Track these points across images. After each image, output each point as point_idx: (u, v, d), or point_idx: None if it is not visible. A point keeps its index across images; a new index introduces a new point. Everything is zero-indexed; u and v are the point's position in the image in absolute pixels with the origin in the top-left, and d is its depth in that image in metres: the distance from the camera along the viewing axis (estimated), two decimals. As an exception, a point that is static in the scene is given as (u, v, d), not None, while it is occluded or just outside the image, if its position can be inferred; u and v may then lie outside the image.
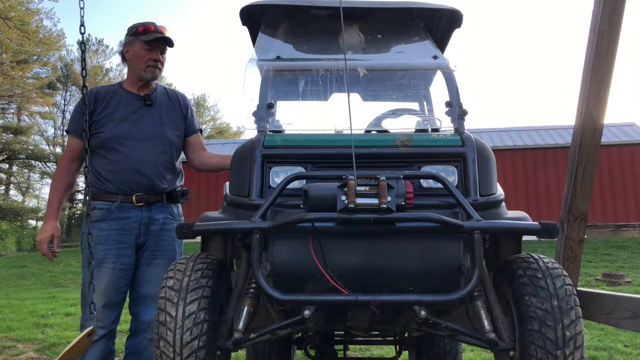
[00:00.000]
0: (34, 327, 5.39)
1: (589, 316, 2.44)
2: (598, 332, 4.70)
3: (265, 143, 1.89)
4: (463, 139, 1.92)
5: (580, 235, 2.51)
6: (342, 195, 1.55)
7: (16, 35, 22.99)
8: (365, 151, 1.83)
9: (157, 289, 2.38)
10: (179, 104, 2.67)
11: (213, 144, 23.26)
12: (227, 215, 1.91)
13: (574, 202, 2.48)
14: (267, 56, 2.30)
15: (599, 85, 2.41)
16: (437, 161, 1.90)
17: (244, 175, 1.88)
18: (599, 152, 2.48)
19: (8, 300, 7.81)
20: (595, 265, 10.08)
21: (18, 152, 29.94)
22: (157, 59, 2.51)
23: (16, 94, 26.64)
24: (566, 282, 1.65)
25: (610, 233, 15.29)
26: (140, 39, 2.48)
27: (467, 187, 1.84)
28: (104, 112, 2.48)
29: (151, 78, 2.54)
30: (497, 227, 1.72)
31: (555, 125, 17.93)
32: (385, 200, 1.52)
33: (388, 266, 1.72)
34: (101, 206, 2.41)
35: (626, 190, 15.74)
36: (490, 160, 1.95)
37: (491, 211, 1.84)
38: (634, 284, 7.94)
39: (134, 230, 2.41)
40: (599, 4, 2.40)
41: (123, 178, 2.41)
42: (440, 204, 1.79)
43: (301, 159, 1.88)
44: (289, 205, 1.78)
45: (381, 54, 2.56)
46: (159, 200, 2.48)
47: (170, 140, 2.54)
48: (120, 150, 2.42)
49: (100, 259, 2.33)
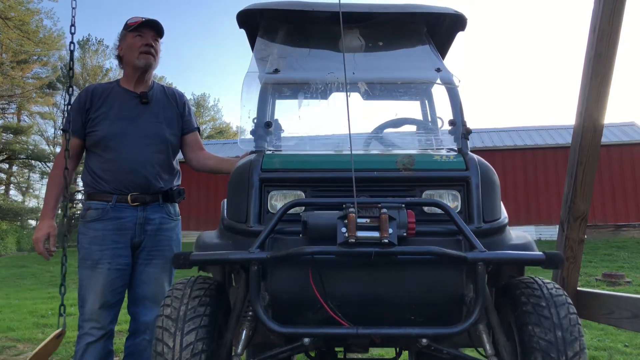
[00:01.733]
0: (34, 327, 5.39)
1: (589, 316, 2.44)
2: (598, 332, 4.70)
3: (263, 165, 1.84)
4: (466, 161, 1.86)
5: (580, 235, 2.52)
6: (342, 227, 1.52)
7: (16, 35, 23.01)
8: (366, 175, 1.78)
9: (154, 289, 2.40)
10: (176, 102, 2.63)
11: (213, 144, 23.24)
12: (225, 241, 1.86)
13: (574, 202, 2.48)
14: (265, 64, 2.25)
15: (599, 85, 2.41)
16: (439, 185, 1.85)
17: (242, 200, 1.83)
18: (599, 152, 2.48)
19: (8, 300, 7.82)
20: (595, 265, 10.08)
21: (18, 152, 29.95)
22: (148, 43, 2.47)
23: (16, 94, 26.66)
24: (570, 310, 1.61)
25: (610, 233, 15.29)
26: (130, 32, 2.48)
27: (470, 213, 1.79)
28: (100, 110, 2.44)
29: (145, 65, 2.48)
30: (501, 259, 1.66)
31: (555, 125, 17.93)
32: (386, 234, 1.50)
33: (389, 296, 1.69)
34: (96, 206, 2.38)
35: (626, 190, 15.75)
36: (494, 183, 1.89)
37: (495, 238, 1.79)
38: (634, 284, 7.95)
39: (129, 230, 2.38)
40: (599, 3, 2.40)
41: (118, 177, 2.38)
42: (443, 230, 1.74)
43: (300, 183, 1.83)
44: (288, 232, 1.72)
45: (382, 62, 2.51)
46: (155, 200, 2.45)
47: (166, 139, 2.50)
48: (116, 149, 2.39)
49: (96, 259, 2.31)
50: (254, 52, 2.38)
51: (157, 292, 2.40)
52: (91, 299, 2.28)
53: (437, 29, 2.49)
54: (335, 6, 2.24)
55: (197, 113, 42.57)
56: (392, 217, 1.54)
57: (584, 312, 2.46)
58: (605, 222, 15.42)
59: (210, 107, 43.84)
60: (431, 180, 1.84)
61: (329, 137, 2.34)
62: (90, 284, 2.30)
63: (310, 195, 1.82)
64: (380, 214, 1.53)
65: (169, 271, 2.47)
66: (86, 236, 2.37)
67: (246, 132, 2.06)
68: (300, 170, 1.84)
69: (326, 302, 1.64)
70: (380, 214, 1.53)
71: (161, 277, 2.43)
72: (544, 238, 15.20)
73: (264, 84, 2.15)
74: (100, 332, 2.29)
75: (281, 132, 2.34)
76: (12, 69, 25.60)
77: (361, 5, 2.37)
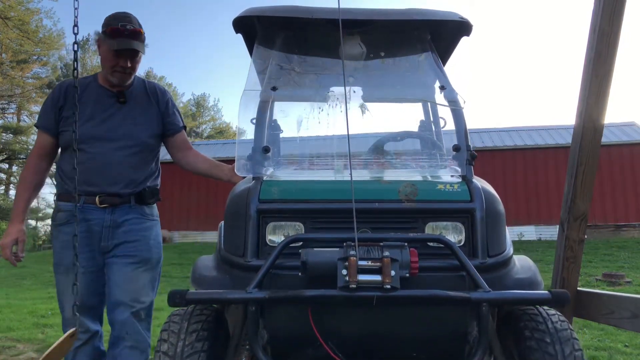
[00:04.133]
0: (34, 327, 5.39)
1: (589, 316, 2.44)
2: (598, 332, 4.70)
3: (261, 196, 1.79)
4: (471, 190, 1.80)
5: (580, 235, 2.51)
6: (343, 269, 1.48)
7: (16, 35, 23.02)
8: (367, 206, 1.73)
9: (129, 291, 2.24)
10: (157, 101, 2.45)
11: (213, 144, 23.23)
12: (222, 275, 1.82)
13: (574, 202, 2.48)
14: (264, 76, 2.18)
15: (599, 85, 2.41)
16: (443, 217, 1.79)
17: (239, 232, 1.78)
18: (599, 152, 2.48)
19: (8, 300, 7.81)
20: (595, 265, 10.08)
21: (18, 152, 29.96)
22: (124, 66, 2.29)
23: (16, 94, 26.66)
24: (575, 347, 1.57)
25: (610, 233, 15.29)
26: (107, 42, 2.27)
27: (474, 247, 1.74)
28: (73, 109, 2.23)
29: (118, 83, 2.34)
30: (506, 299, 1.62)
31: (555, 125, 17.93)
32: (389, 279, 1.46)
33: (391, 333, 1.67)
34: (65, 207, 2.28)
35: (626, 190, 15.75)
36: (500, 214, 1.83)
37: (500, 272, 1.75)
38: (634, 284, 7.94)
39: (97, 233, 2.26)
40: (599, 3, 2.40)
41: (87, 178, 2.23)
42: (447, 266, 1.70)
43: (299, 214, 1.78)
44: (286, 266, 1.67)
45: (383, 78, 2.44)
46: (125, 202, 2.30)
47: (142, 142, 2.35)
48: (87, 151, 2.24)
49: (68, 264, 2.17)
50: (253, 59, 2.32)
51: (130, 292, 2.25)
52: (69, 304, 2.16)
53: (441, 34, 2.41)
54: (334, 12, 2.14)
55: (197, 113, 42.61)
56: (395, 258, 1.50)
57: (584, 312, 2.46)
58: (605, 222, 15.42)
59: (210, 107, 43.88)
60: (435, 212, 1.78)
61: (328, 160, 2.25)
62: (67, 289, 2.18)
63: (310, 226, 1.77)
64: (383, 257, 1.49)
65: (145, 270, 2.31)
66: (58, 240, 2.28)
67: (243, 157, 1.98)
68: (299, 201, 1.78)
69: (326, 341, 1.61)
70: (382, 256, 1.49)
71: (133, 276, 2.27)
72: (544, 238, 15.20)
73: (261, 102, 2.08)
74: (85, 335, 2.24)
75: (279, 157, 2.26)
76: (11, 69, 25.62)
77: (362, 12, 2.25)
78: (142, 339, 2.25)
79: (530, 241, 14.72)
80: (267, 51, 2.33)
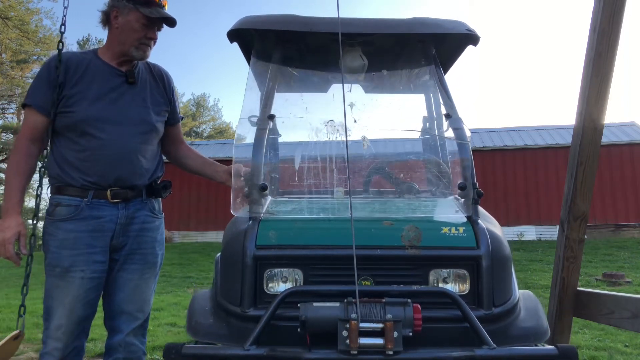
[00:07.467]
0: (34, 327, 5.38)
1: (589, 316, 2.45)
2: (598, 332, 4.69)
3: (258, 241, 1.72)
4: (477, 235, 1.74)
5: (580, 235, 2.51)
6: (343, 330, 1.45)
7: (16, 35, 23.01)
8: (369, 253, 1.68)
9: (133, 298, 2.06)
10: (164, 85, 2.25)
11: (213, 144, 23.21)
12: (219, 323, 1.77)
13: (574, 202, 2.48)
14: (263, 86, 2.10)
15: (599, 85, 2.41)
16: (448, 264, 1.74)
17: (235, 279, 1.72)
18: (599, 152, 2.48)
19: (8, 300, 7.80)
20: (595, 265, 10.07)
21: (18, 152, 29.94)
22: (152, 37, 2.10)
23: (16, 93, 26.64)
24: None
25: (610, 233, 15.29)
26: (140, 10, 2.04)
27: (480, 296, 1.70)
28: (77, 88, 2.00)
29: (141, 58, 2.12)
30: (512, 355, 1.57)
31: (555, 125, 17.93)
32: (391, 344, 1.43)
33: None
34: (68, 202, 1.97)
35: (626, 190, 15.75)
36: (506, 260, 1.77)
37: (506, 322, 1.71)
38: (634, 284, 7.93)
39: (108, 231, 1.99)
40: (599, 3, 2.40)
41: (97, 169, 1.97)
42: (450, 317, 1.66)
43: (298, 261, 1.72)
44: (286, 317, 1.63)
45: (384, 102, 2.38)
46: (137, 195, 2.07)
47: (153, 127, 2.12)
48: (97, 136, 1.97)
49: (66, 266, 1.92)
50: (251, 68, 2.24)
51: (136, 302, 2.07)
52: (59, 312, 1.92)
53: (445, 44, 2.33)
54: (334, 25, 2.03)
55: (197, 113, 42.61)
56: (397, 320, 1.47)
57: (584, 312, 2.46)
58: (605, 222, 15.42)
59: (210, 107, 43.86)
60: (439, 259, 1.73)
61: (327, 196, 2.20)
62: (59, 295, 1.92)
63: (310, 272, 1.73)
64: (385, 320, 1.46)
65: (151, 277, 2.14)
66: (55, 238, 1.96)
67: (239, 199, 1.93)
68: (298, 247, 1.73)
69: None
70: (384, 319, 1.46)
71: (141, 284, 2.09)
72: (544, 238, 15.19)
73: (258, 130, 2.02)
74: (63, 352, 1.93)
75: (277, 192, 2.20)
76: (11, 69, 25.61)
77: (363, 24, 2.13)
78: (137, 349, 2.11)
79: (530, 241, 14.71)
80: (264, 64, 2.25)
